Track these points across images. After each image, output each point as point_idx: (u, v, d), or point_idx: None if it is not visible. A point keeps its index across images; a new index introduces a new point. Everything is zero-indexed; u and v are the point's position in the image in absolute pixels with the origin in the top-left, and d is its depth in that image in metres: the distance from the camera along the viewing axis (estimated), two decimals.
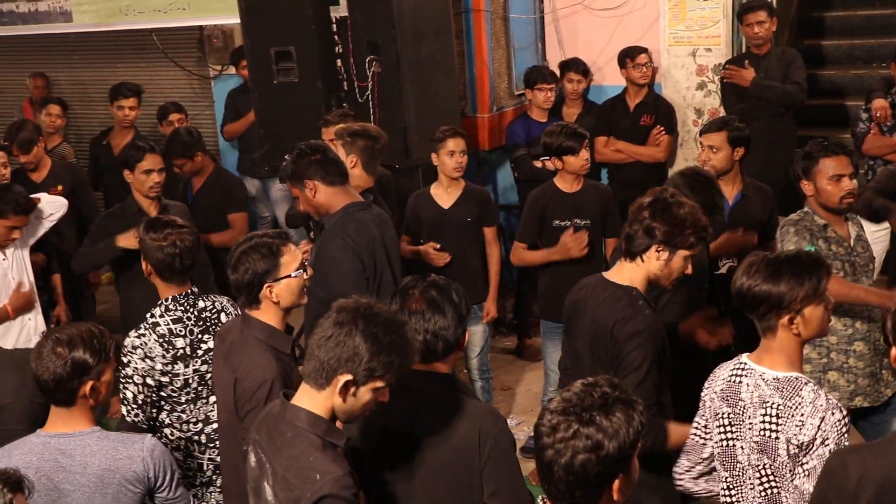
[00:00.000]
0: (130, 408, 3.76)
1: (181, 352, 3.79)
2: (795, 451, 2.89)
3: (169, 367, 3.77)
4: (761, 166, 6.20)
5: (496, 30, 7.24)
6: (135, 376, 3.74)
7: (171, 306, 3.85)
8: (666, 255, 3.46)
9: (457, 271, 5.66)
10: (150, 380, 3.76)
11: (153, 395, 3.79)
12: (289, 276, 3.41)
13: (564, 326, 3.88)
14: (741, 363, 3.11)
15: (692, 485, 3.33)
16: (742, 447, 3.06)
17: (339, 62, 6.24)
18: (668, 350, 3.58)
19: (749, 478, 3.05)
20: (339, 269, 4.11)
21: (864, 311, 4.33)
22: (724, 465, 3.13)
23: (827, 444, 2.85)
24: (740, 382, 3.07)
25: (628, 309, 3.49)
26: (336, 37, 6.25)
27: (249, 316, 3.46)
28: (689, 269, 3.53)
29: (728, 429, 3.09)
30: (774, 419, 2.95)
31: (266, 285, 3.38)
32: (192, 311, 3.86)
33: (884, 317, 2.80)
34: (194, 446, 3.87)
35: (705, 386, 3.22)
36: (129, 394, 3.75)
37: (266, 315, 3.43)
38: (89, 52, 9.33)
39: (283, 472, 2.68)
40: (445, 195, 5.68)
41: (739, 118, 5.39)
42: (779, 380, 2.99)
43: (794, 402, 2.94)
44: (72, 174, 6.72)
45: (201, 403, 3.84)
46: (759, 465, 3.01)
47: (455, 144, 5.56)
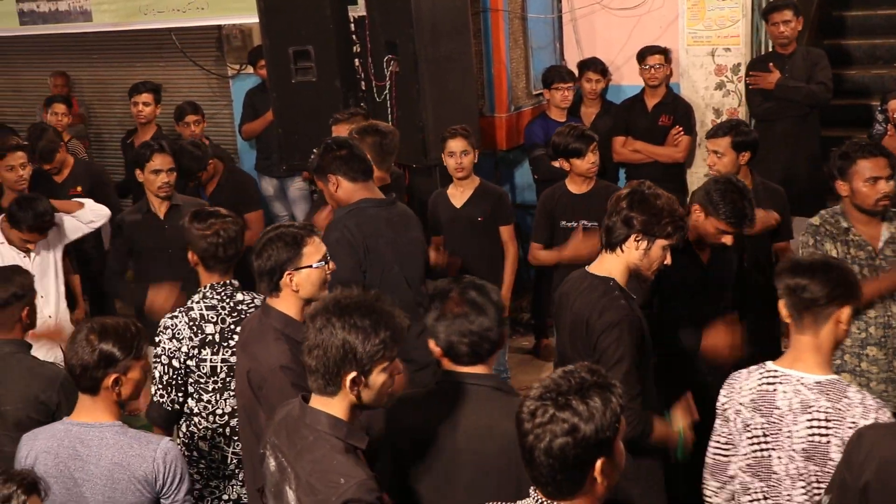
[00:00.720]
0: (158, 387, 3.84)
1: (209, 338, 3.83)
2: None
3: (196, 351, 3.81)
4: (785, 166, 6.19)
5: (514, 29, 7.23)
6: (162, 356, 3.81)
7: (208, 293, 3.90)
8: (644, 244, 3.51)
9: (472, 270, 5.66)
10: (176, 361, 3.81)
11: (178, 377, 3.83)
12: (310, 266, 3.46)
13: (554, 320, 3.92)
14: (770, 371, 3.05)
15: None
16: (779, 457, 3.00)
17: (358, 61, 6.25)
18: (649, 341, 3.61)
19: (786, 488, 2.99)
20: (334, 258, 4.08)
21: (881, 317, 4.29)
22: (757, 475, 3.06)
23: None
24: (774, 390, 3.01)
25: (603, 299, 3.50)
26: (354, 36, 6.26)
27: (269, 305, 3.51)
28: (668, 260, 3.58)
29: (762, 439, 3.03)
30: (823, 423, 2.91)
31: (287, 273, 3.43)
32: (228, 301, 3.89)
33: None
34: (220, 438, 3.89)
35: (723, 399, 3.16)
36: (157, 373, 3.83)
37: (285, 304, 3.47)
38: (109, 51, 9.37)
39: (307, 477, 2.68)
40: (458, 194, 5.70)
41: (762, 118, 5.37)
42: (821, 383, 2.96)
43: (842, 404, 2.91)
44: (91, 174, 6.75)
45: (228, 395, 3.85)
46: (803, 473, 2.95)
47: (455, 145, 5.58)
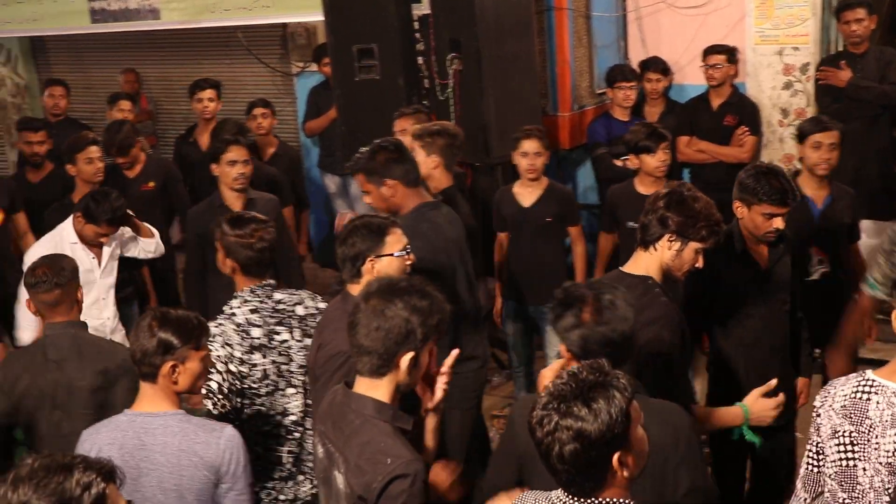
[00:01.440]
0: (216, 399, 3.77)
1: (257, 342, 3.83)
2: None
3: (247, 356, 3.80)
4: (856, 168, 6.08)
5: (578, 28, 7.19)
6: (217, 363, 3.76)
7: (248, 297, 3.88)
8: (678, 245, 3.53)
9: (536, 270, 5.67)
10: (232, 366, 3.79)
11: (237, 382, 3.80)
12: (391, 255, 3.55)
13: None
14: (867, 380, 2.95)
15: None
16: (865, 468, 2.90)
17: (421, 60, 6.26)
18: (688, 338, 3.61)
19: (870, 501, 2.90)
20: (427, 265, 4.09)
21: None
22: (841, 486, 2.97)
23: None
24: (868, 399, 2.91)
25: (644, 297, 3.47)
26: (418, 34, 6.27)
27: (348, 292, 3.57)
28: (699, 263, 3.58)
29: (849, 448, 2.93)
30: None
31: (369, 259, 3.53)
32: (268, 301, 3.89)
33: None
34: (273, 440, 3.90)
35: (817, 405, 3.07)
36: (213, 384, 3.76)
37: None
38: (176, 48, 9.50)
39: (356, 460, 2.75)
40: (527, 194, 5.68)
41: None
42: None
43: None
44: (164, 170, 6.84)
45: (279, 395, 3.87)
46: (888, 488, 2.85)
47: (529, 146, 5.56)
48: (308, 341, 3.84)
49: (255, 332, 3.82)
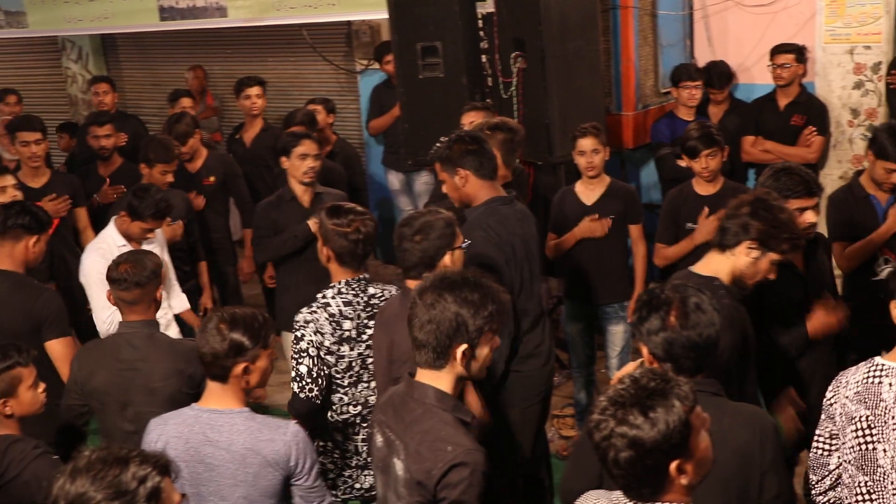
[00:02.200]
0: (304, 383, 3.83)
1: (347, 334, 3.88)
2: None
3: (335, 347, 3.86)
4: None
5: (643, 26, 7.12)
6: (309, 349, 3.82)
7: (343, 289, 3.92)
8: (756, 253, 3.51)
9: (597, 269, 5.63)
10: (322, 353, 3.84)
11: (324, 369, 3.86)
12: (461, 247, 3.67)
13: None
14: (876, 364, 3.03)
15: (822, 498, 3.24)
16: (885, 449, 2.96)
17: (485, 58, 6.26)
18: (752, 340, 3.57)
19: (892, 482, 2.94)
20: (481, 260, 4.12)
21: None
22: (861, 469, 3.02)
23: None
24: (880, 383, 2.99)
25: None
26: (482, 32, 6.26)
27: (407, 289, 3.62)
28: (773, 275, 3.57)
29: (867, 432, 2.99)
30: None
31: (448, 253, 3.65)
32: (362, 296, 3.93)
33: None
34: (351, 429, 3.95)
35: (829, 394, 3.13)
36: (303, 368, 3.83)
37: None
38: (241, 46, 9.62)
39: (416, 447, 2.82)
40: (589, 192, 5.65)
41: None
42: None
43: None
44: (224, 165, 6.93)
45: (362, 386, 3.93)
46: None
47: (585, 144, 5.53)
48: None
49: (347, 325, 3.88)
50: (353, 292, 3.92)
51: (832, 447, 3.14)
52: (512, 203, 4.36)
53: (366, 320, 3.90)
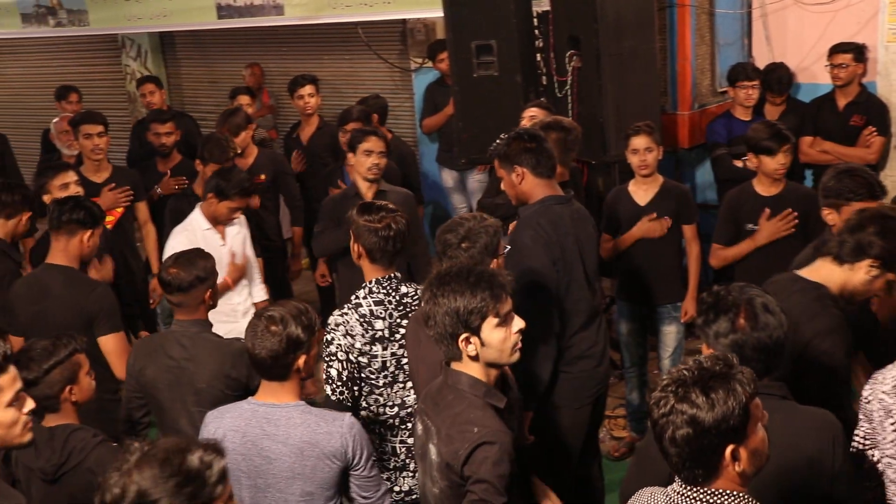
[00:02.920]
0: (335, 386, 3.84)
1: (379, 334, 3.86)
2: None
3: (367, 347, 3.85)
4: None
5: (701, 25, 7.06)
6: (338, 352, 3.82)
7: (374, 288, 3.91)
8: (876, 272, 3.44)
9: (652, 270, 5.59)
10: (352, 356, 3.84)
11: (354, 372, 3.85)
12: (503, 253, 3.73)
13: None
14: None
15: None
16: None
17: (539, 56, 6.24)
18: (850, 352, 3.52)
19: None
20: (529, 259, 4.13)
21: None
22: None
23: None
24: None
25: (816, 304, 3.43)
26: (537, 31, 6.25)
27: None
28: (883, 293, 3.55)
29: None
30: None
31: (500, 256, 3.73)
32: (394, 294, 3.91)
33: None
34: (388, 430, 3.94)
35: (865, 393, 3.12)
36: (333, 371, 3.83)
37: None
38: (297, 44, 9.69)
39: (447, 430, 2.92)
40: (642, 192, 5.61)
41: None
42: None
43: None
44: (274, 163, 6.99)
45: (398, 387, 3.91)
46: None
47: (638, 142, 5.49)
48: None
49: (378, 325, 3.87)
50: (384, 291, 3.90)
51: (868, 446, 3.14)
52: (569, 202, 4.34)
53: (398, 319, 3.88)
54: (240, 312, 5.45)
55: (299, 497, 3.25)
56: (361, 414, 3.93)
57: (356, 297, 3.91)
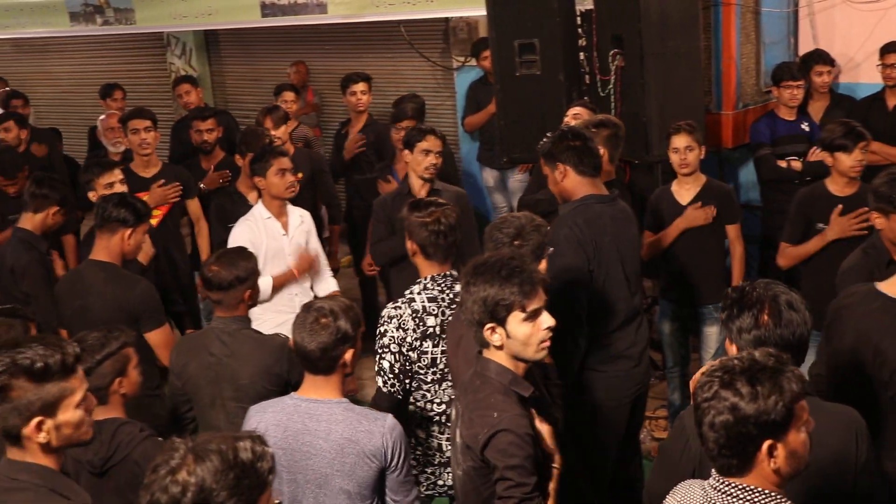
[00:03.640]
0: (387, 378, 3.87)
1: (430, 330, 3.89)
2: None
3: (418, 342, 3.87)
4: None
5: (746, 24, 6.99)
6: (391, 345, 3.86)
7: (429, 285, 3.94)
8: None
9: (694, 269, 5.56)
10: (404, 349, 3.87)
11: (405, 365, 3.88)
12: (548, 254, 3.76)
13: (824, 333, 3.74)
14: None
15: None
16: None
17: (582, 55, 6.22)
18: None
19: None
20: (560, 256, 4.12)
21: None
22: None
23: None
24: None
25: None
26: (580, 30, 6.22)
27: None
28: None
29: None
30: None
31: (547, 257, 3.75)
32: (448, 292, 3.93)
33: None
34: (435, 427, 3.97)
35: None
36: (385, 363, 3.87)
37: None
38: (340, 42, 9.73)
39: (469, 414, 3.00)
40: (684, 191, 5.59)
41: None
42: None
43: None
44: (310, 161, 7.01)
45: (446, 385, 3.93)
46: None
47: (679, 141, 5.47)
48: None
49: (430, 321, 3.89)
50: (439, 288, 3.93)
51: None
52: (611, 202, 4.33)
53: (450, 318, 3.89)
54: (297, 304, 5.45)
55: (337, 494, 3.26)
56: (410, 408, 3.96)
57: (410, 292, 3.95)
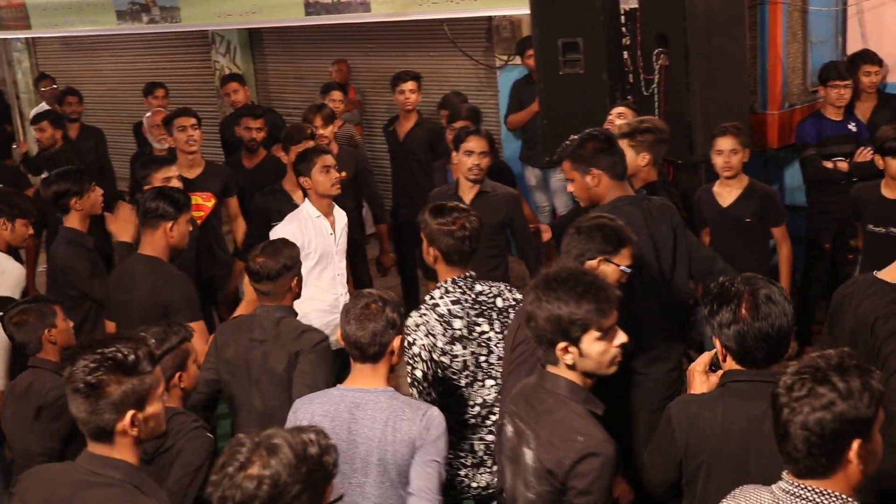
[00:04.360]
0: (422, 387, 3.83)
1: (458, 333, 3.87)
2: None
3: (448, 347, 3.86)
4: None
5: (793, 23, 6.91)
6: (422, 353, 3.83)
7: (450, 288, 3.91)
8: None
9: (739, 271, 5.50)
10: (435, 355, 3.85)
11: (437, 371, 3.87)
12: (618, 265, 3.63)
13: (827, 321, 3.79)
14: None
15: None
16: None
17: (626, 54, 6.19)
18: None
19: None
20: None
21: None
22: None
23: None
24: None
25: (892, 305, 3.38)
26: (624, 28, 6.19)
27: None
28: None
29: None
30: None
31: (598, 259, 3.60)
32: (469, 293, 3.91)
33: None
34: (468, 429, 3.96)
35: None
36: (418, 373, 3.83)
37: None
38: (383, 40, 9.75)
39: (548, 437, 2.87)
40: (725, 193, 5.57)
41: None
42: None
43: None
44: (355, 159, 7.04)
45: (478, 386, 3.92)
46: None
47: (723, 143, 5.45)
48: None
49: (457, 324, 3.87)
50: (461, 290, 3.89)
51: None
52: (640, 202, 4.30)
53: (475, 318, 3.88)
54: (341, 305, 5.46)
55: (381, 482, 3.27)
56: (444, 414, 3.94)
57: (432, 298, 3.92)
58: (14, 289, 5.23)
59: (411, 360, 3.85)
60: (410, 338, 3.85)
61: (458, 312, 3.89)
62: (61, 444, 3.98)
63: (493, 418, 3.93)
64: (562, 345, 2.88)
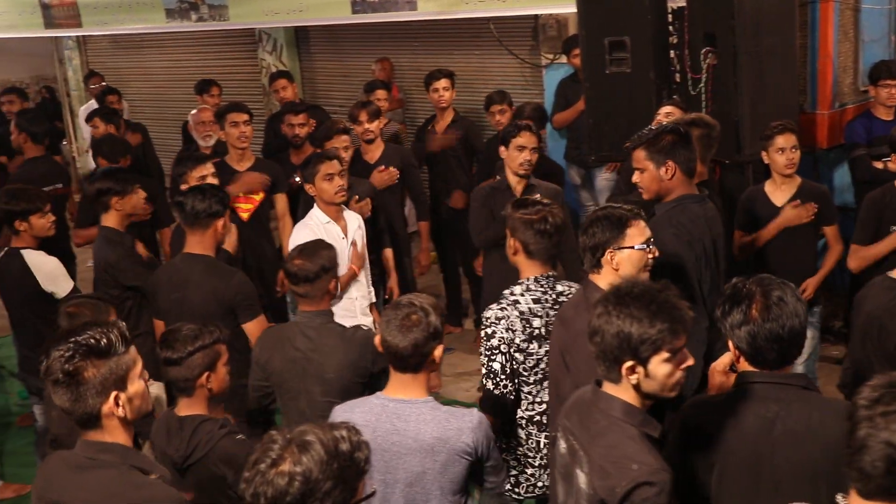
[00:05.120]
0: (499, 379, 3.83)
1: (537, 332, 3.87)
2: None
3: (525, 344, 3.86)
4: None
5: (844, 21, 6.81)
6: (501, 346, 3.83)
7: (532, 286, 3.90)
8: None
9: (788, 271, 5.41)
10: (513, 350, 3.85)
11: (514, 366, 3.87)
12: (632, 247, 3.52)
13: (852, 324, 3.80)
14: None
15: None
16: None
17: (673, 53, 6.13)
18: None
19: None
20: (672, 257, 4.00)
21: None
22: None
23: None
24: None
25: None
26: (671, 27, 6.14)
27: (589, 280, 3.61)
28: None
29: None
30: None
31: (608, 251, 3.52)
32: (551, 293, 3.91)
33: None
34: (535, 427, 3.96)
35: None
36: (496, 365, 3.83)
37: (604, 280, 3.51)
38: (429, 39, 9.76)
39: (601, 462, 2.74)
40: (779, 193, 5.50)
41: None
42: None
43: None
44: (400, 157, 7.06)
45: (546, 384, 3.90)
46: None
47: (784, 141, 5.38)
48: None
49: (536, 322, 3.87)
50: (542, 289, 3.89)
51: None
52: (703, 202, 4.26)
53: (554, 318, 3.86)
54: (358, 310, 5.50)
55: (429, 491, 3.27)
56: (513, 410, 3.94)
57: (512, 294, 3.90)
58: (55, 280, 5.37)
59: (489, 352, 3.85)
60: (489, 330, 3.84)
61: (539, 311, 3.88)
62: None
63: None
64: (628, 364, 2.74)
